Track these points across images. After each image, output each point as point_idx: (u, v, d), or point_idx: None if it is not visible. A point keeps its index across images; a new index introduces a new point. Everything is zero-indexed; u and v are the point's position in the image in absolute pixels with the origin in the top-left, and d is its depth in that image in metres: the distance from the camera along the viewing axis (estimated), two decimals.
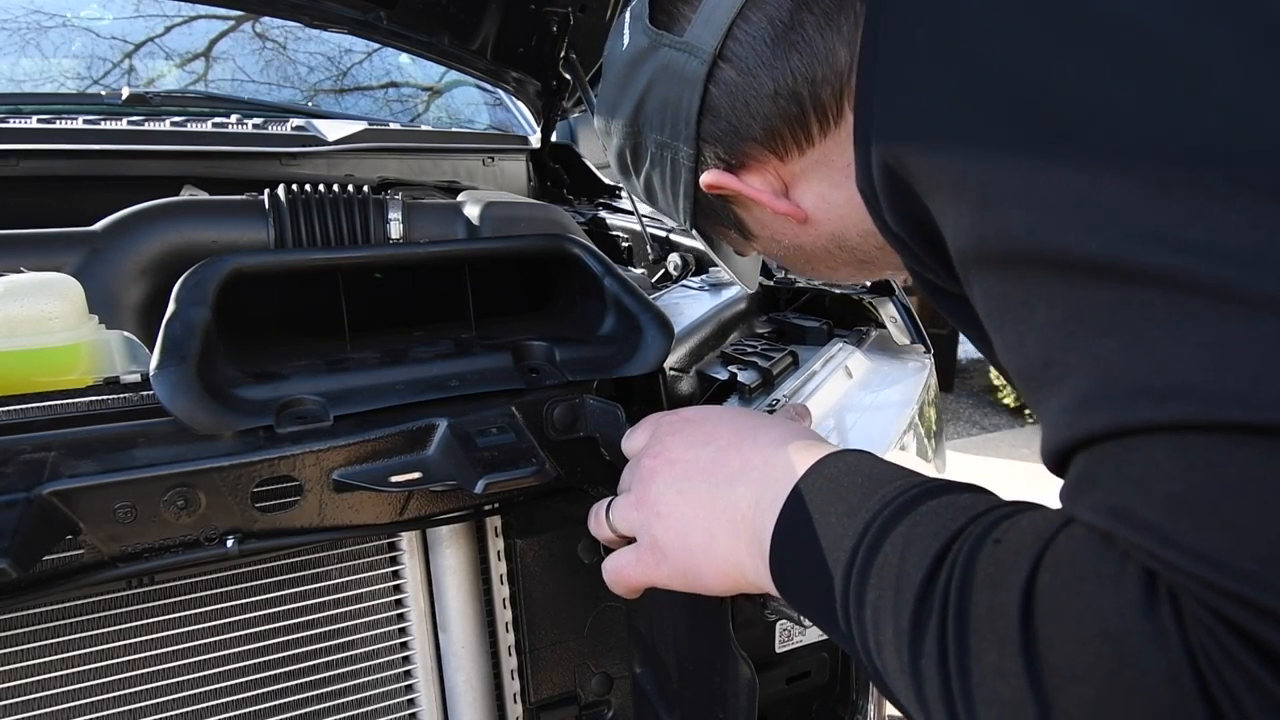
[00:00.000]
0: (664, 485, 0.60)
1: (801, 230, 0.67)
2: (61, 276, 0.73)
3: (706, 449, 0.59)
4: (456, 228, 1.09)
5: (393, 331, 0.89)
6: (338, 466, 0.68)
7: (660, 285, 1.32)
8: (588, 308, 0.89)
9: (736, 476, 0.56)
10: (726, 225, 0.73)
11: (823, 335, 1.16)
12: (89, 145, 1.32)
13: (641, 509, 0.61)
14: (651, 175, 0.71)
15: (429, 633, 0.82)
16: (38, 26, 1.85)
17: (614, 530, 0.64)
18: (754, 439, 0.58)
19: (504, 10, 1.61)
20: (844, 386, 1.05)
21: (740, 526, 0.55)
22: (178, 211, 0.97)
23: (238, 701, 0.73)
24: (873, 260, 0.68)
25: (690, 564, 0.58)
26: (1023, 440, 4.19)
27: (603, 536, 0.66)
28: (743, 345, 1.08)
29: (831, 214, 0.65)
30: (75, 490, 0.59)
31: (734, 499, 0.56)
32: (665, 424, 0.64)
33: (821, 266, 0.72)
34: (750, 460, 0.56)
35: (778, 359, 1.00)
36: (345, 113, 1.98)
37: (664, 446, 0.62)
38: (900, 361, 1.19)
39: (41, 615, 0.65)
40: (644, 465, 0.62)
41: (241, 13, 1.96)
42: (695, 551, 0.57)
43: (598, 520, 0.66)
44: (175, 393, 0.63)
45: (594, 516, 0.67)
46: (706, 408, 0.66)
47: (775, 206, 0.65)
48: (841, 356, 1.11)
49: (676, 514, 0.58)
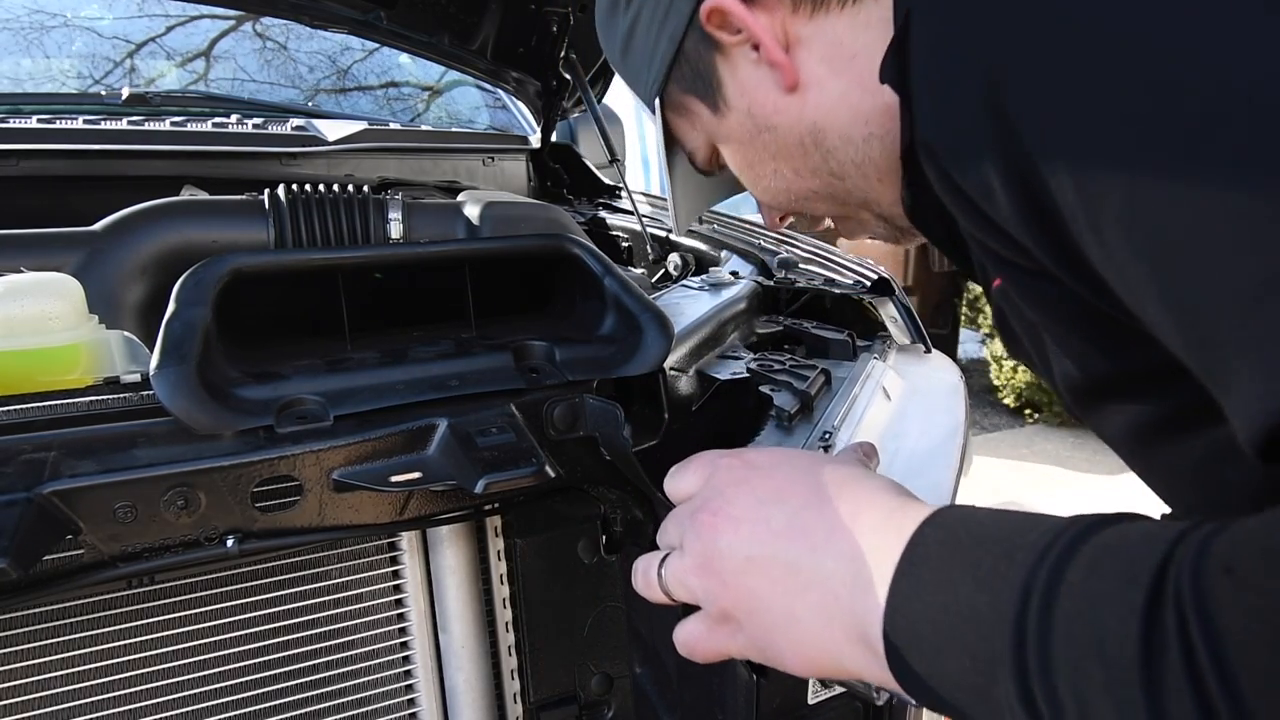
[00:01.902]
0: (730, 550, 0.51)
1: (783, 103, 0.61)
2: (61, 276, 0.73)
3: (780, 509, 0.50)
4: (456, 228, 1.09)
5: (393, 331, 0.89)
6: (338, 466, 0.68)
7: (660, 285, 1.32)
8: (588, 308, 0.89)
9: (820, 547, 0.48)
10: (699, 93, 0.66)
11: (848, 349, 1.10)
12: (89, 145, 1.32)
13: (704, 575, 0.52)
14: (642, 11, 0.65)
15: (429, 633, 0.82)
16: (39, 26, 1.85)
17: (669, 595, 0.56)
18: (836, 497, 0.49)
19: (504, 10, 1.61)
20: (886, 411, 0.97)
21: (833, 610, 0.46)
22: (178, 211, 0.97)
23: (238, 701, 0.73)
24: (845, 178, 0.62)
25: (769, 643, 0.50)
26: (1023, 440, 4.19)
27: (653, 599, 0.57)
28: (768, 360, 1.01)
29: (821, 99, 0.60)
30: (75, 490, 0.59)
31: (820, 575, 0.47)
32: (724, 469, 0.55)
33: (788, 170, 0.65)
34: (835, 527, 0.48)
35: (811, 378, 0.94)
36: (345, 113, 1.98)
37: (725, 500, 0.53)
38: (930, 375, 1.12)
39: (41, 615, 0.65)
40: (702, 521, 0.53)
41: (241, 13, 1.96)
42: (773, 631, 0.49)
43: (648, 581, 0.57)
44: (175, 393, 0.63)
45: (642, 576, 0.57)
46: (772, 452, 0.56)
47: (772, 53, 0.59)
48: (876, 374, 1.04)
49: (748, 586, 0.50)
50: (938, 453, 0.92)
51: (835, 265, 1.38)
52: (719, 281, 1.21)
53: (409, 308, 0.97)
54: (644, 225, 1.56)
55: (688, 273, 1.48)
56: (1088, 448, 4.03)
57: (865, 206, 0.66)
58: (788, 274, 1.31)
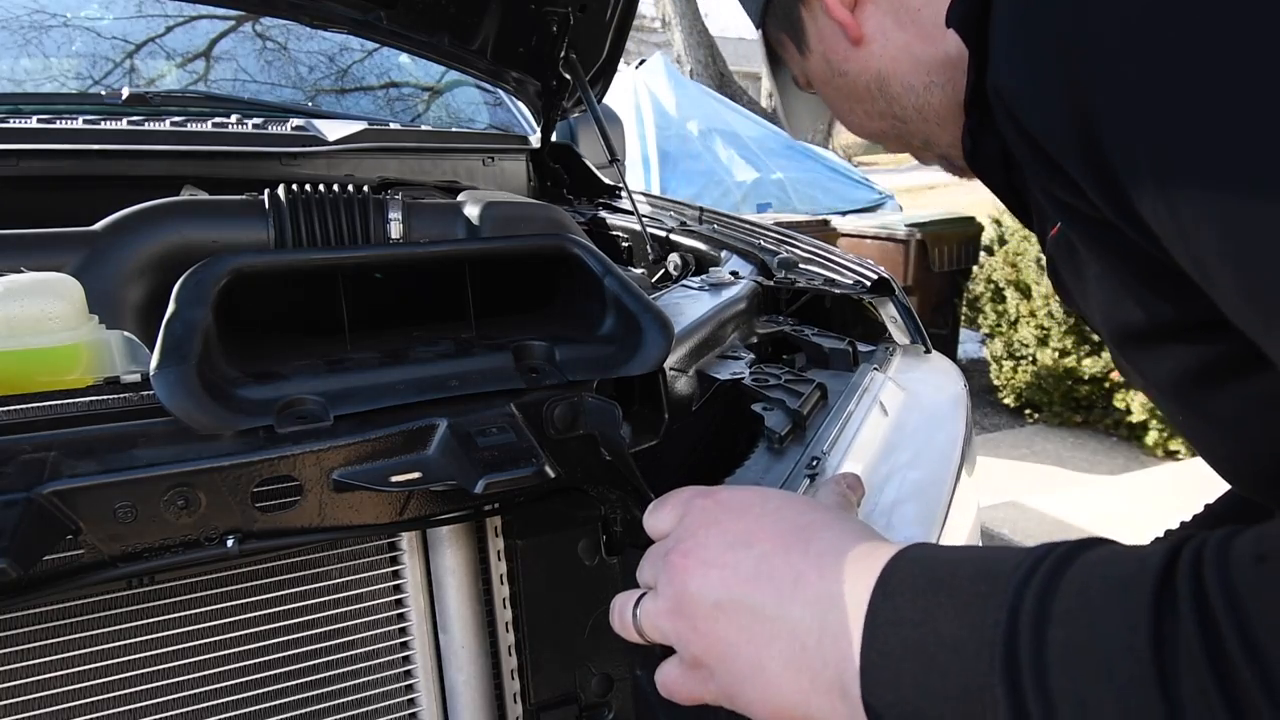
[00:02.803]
0: (699, 595, 0.50)
1: (852, 54, 0.68)
2: (61, 276, 0.73)
3: (748, 554, 0.49)
4: (456, 228, 1.09)
5: (393, 331, 0.89)
6: (338, 466, 0.68)
7: (660, 285, 1.32)
8: (588, 308, 0.89)
9: (787, 595, 0.47)
10: (789, 33, 0.74)
11: (848, 359, 1.08)
12: (89, 145, 1.32)
13: (675, 619, 0.51)
14: None
15: (429, 633, 0.82)
16: (38, 26, 1.85)
17: (643, 636, 0.55)
18: (804, 543, 0.49)
19: (504, 10, 1.61)
20: (882, 429, 0.94)
21: (800, 660, 0.45)
22: (178, 211, 0.97)
23: (238, 701, 0.73)
24: (907, 121, 0.69)
25: (738, 692, 0.49)
26: (1023, 440, 4.19)
27: (629, 638, 0.57)
28: (764, 374, 0.98)
29: (885, 50, 0.66)
30: (75, 490, 0.59)
31: (787, 624, 0.46)
32: (696, 510, 0.55)
33: (859, 111, 0.72)
34: (803, 574, 0.47)
35: (805, 395, 0.92)
36: (345, 113, 1.98)
37: (696, 542, 0.52)
38: (932, 385, 1.09)
39: (41, 615, 0.65)
40: (673, 563, 0.52)
41: (241, 13, 1.96)
42: (743, 680, 0.48)
43: (623, 621, 0.57)
44: (175, 393, 0.63)
45: (618, 615, 0.57)
46: (745, 492, 0.56)
47: (835, 12, 0.66)
48: (874, 388, 1.01)
49: (717, 633, 0.49)
50: (928, 482, 0.88)
51: (835, 265, 1.38)
52: (719, 281, 1.21)
53: (409, 308, 0.97)
54: (644, 225, 1.56)
55: (688, 273, 1.49)
56: (1087, 448, 4.03)
57: (927, 148, 0.73)
58: (788, 274, 1.31)
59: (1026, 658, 0.36)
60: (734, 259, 1.39)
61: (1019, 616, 0.37)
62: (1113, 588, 0.35)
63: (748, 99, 11.97)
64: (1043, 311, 4.10)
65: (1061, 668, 0.35)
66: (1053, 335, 4.09)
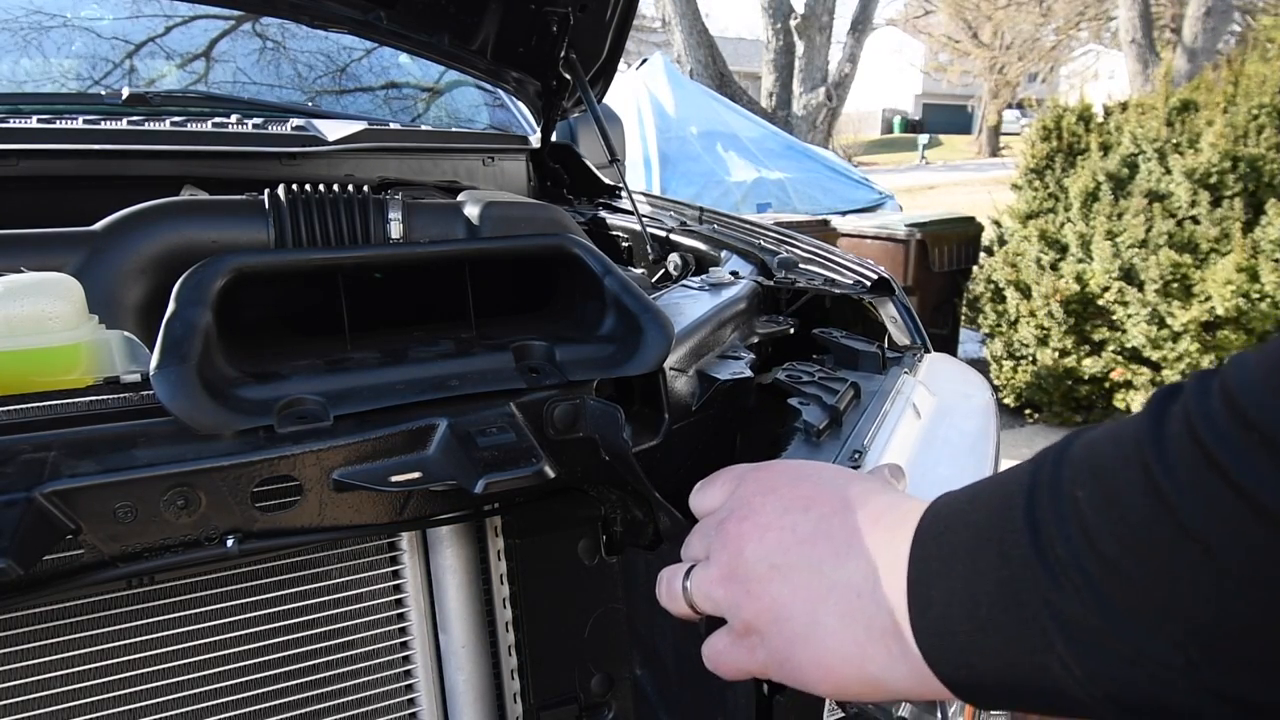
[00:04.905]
0: (755, 558, 0.50)
1: None
2: (61, 276, 0.73)
3: (805, 516, 0.50)
4: (456, 228, 1.09)
5: (393, 331, 0.89)
6: (338, 466, 0.68)
7: (660, 285, 1.32)
8: (588, 308, 0.89)
9: (844, 550, 0.47)
10: None
11: (877, 362, 1.08)
12: (89, 145, 1.32)
13: (729, 585, 0.51)
14: None
15: (429, 633, 0.82)
16: (38, 26, 1.85)
17: (694, 607, 0.55)
18: (861, 505, 0.49)
19: (504, 10, 1.61)
20: (916, 430, 0.94)
21: (855, 609, 0.46)
22: (178, 211, 0.97)
23: (238, 701, 0.73)
24: None
25: (789, 655, 0.48)
26: (1023, 440, 4.19)
27: (678, 612, 0.56)
28: (797, 371, 0.99)
29: None
30: (75, 490, 0.59)
31: (842, 578, 0.47)
32: (751, 480, 0.55)
33: None
34: (856, 531, 0.48)
35: (841, 392, 0.92)
36: (345, 113, 1.98)
37: (751, 509, 0.52)
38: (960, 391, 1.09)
39: (41, 615, 0.65)
40: (728, 530, 0.52)
41: (241, 13, 1.96)
42: (795, 642, 0.48)
43: (671, 593, 0.56)
44: (175, 392, 0.63)
45: (666, 587, 0.56)
46: (799, 464, 0.57)
47: None
48: (907, 390, 1.02)
49: (771, 594, 0.49)
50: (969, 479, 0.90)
51: (835, 265, 1.38)
52: (719, 281, 1.21)
53: (409, 308, 0.97)
54: (644, 225, 1.56)
55: (688, 273, 1.48)
56: None
57: None
58: (788, 274, 1.31)
59: (1045, 497, 0.38)
60: (734, 259, 1.39)
61: (1039, 478, 0.39)
62: (1116, 432, 0.37)
63: (748, 99, 11.97)
64: (1043, 311, 4.10)
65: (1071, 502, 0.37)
66: (1053, 335, 4.09)
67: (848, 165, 10.42)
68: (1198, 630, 0.33)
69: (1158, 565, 0.33)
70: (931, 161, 27.54)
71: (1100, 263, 3.88)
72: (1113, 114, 4.27)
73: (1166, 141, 3.87)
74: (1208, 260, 3.68)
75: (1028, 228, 4.27)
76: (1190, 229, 3.74)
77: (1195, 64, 10.00)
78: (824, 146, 11.43)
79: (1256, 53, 4.16)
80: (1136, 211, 3.81)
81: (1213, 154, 3.69)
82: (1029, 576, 0.38)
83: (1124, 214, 3.88)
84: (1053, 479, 0.38)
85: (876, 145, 34.10)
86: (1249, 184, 3.67)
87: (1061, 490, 0.38)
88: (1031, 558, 0.38)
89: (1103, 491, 0.36)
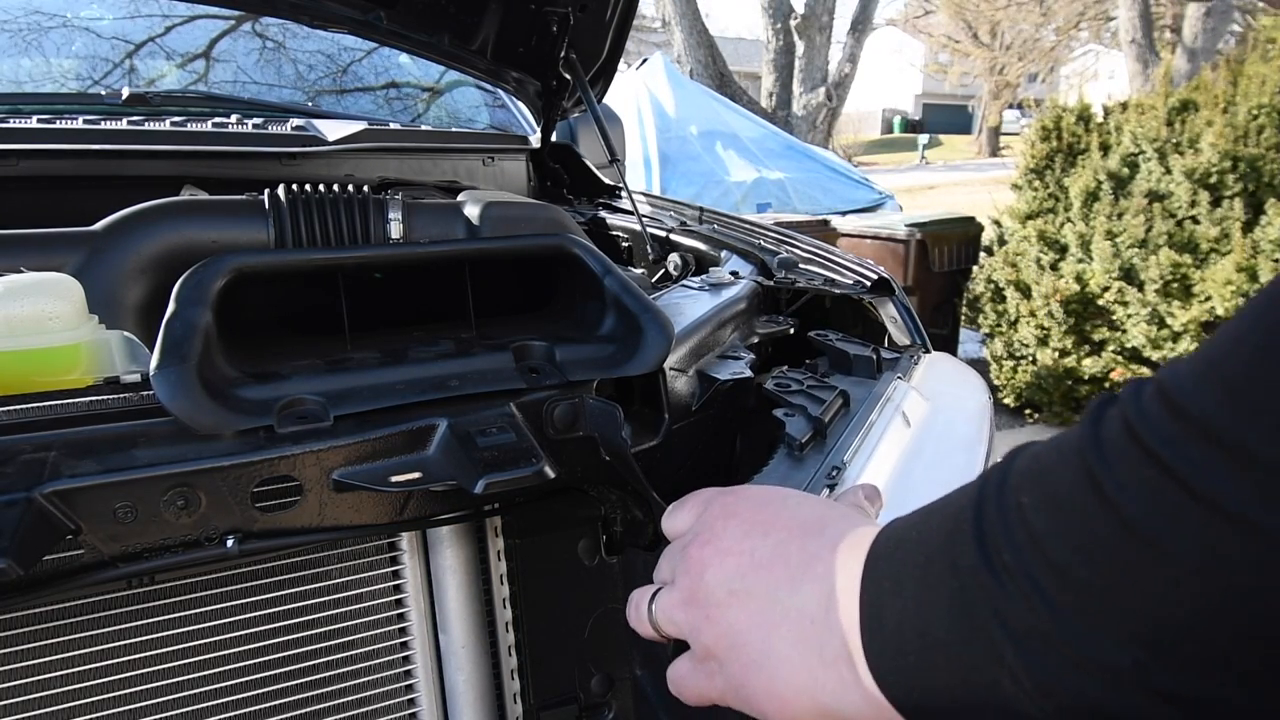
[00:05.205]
0: (714, 583, 0.51)
1: None
2: (61, 276, 0.73)
3: (765, 541, 0.50)
4: (456, 228, 1.09)
5: (393, 331, 0.89)
6: (338, 466, 0.68)
7: (660, 285, 1.32)
8: (588, 308, 0.89)
9: (799, 575, 0.47)
10: None
11: (871, 366, 1.07)
12: (89, 145, 1.32)
13: (689, 610, 0.52)
14: None
15: (429, 633, 0.82)
16: (38, 26, 1.85)
17: (657, 630, 0.55)
18: (820, 532, 0.49)
19: (504, 10, 1.61)
20: (904, 440, 0.93)
21: (807, 635, 0.46)
22: (178, 211, 0.97)
23: (238, 701, 0.73)
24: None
25: (744, 683, 0.48)
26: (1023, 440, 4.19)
27: (644, 634, 0.57)
28: (785, 379, 0.98)
29: None
30: (75, 490, 0.59)
31: (796, 604, 0.47)
32: (717, 505, 0.56)
33: None
34: (816, 556, 0.48)
35: (828, 403, 0.92)
36: (345, 112, 1.98)
37: (714, 534, 0.53)
38: (956, 397, 1.07)
39: (41, 615, 0.65)
40: (690, 555, 0.53)
41: (241, 13, 1.96)
42: (749, 670, 0.48)
43: (639, 614, 0.57)
44: (175, 393, 0.63)
45: (634, 609, 0.57)
46: (766, 489, 0.57)
47: None
48: (898, 397, 1.01)
49: (729, 620, 0.49)
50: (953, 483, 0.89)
51: (835, 265, 1.38)
52: (719, 281, 1.21)
53: (409, 308, 0.97)
54: (644, 225, 1.56)
55: (688, 273, 1.48)
56: None
57: None
58: (788, 274, 1.31)
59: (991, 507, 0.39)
60: (734, 259, 1.39)
61: (986, 490, 0.40)
62: (1059, 441, 0.38)
63: (748, 99, 11.97)
64: (1043, 311, 4.10)
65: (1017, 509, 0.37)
66: (1053, 335, 4.09)
67: (848, 165, 10.41)
68: (1144, 627, 0.33)
69: (1103, 563, 0.34)
70: (931, 162, 27.54)
71: (1100, 263, 3.88)
72: (1112, 114, 4.27)
73: (1166, 141, 3.88)
74: (1208, 260, 3.68)
75: (1027, 228, 4.27)
76: (1190, 229, 3.74)
77: (1195, 64, 10.01)
78: (824, 146, 11.43)
79: (1256, 53, 4.16)
80: (1136, 211, 3.81)
81: (1212, 154, 3.69)
82: (977, 585, 0.38)
83: (1124, 214, 3.88)
84: (999, 489, 0.39)
85: (876, 145, 34.10)
86: (1249, 184, 3.68)
87: (1007, 498, 0.38)
88: (980, 566, 0.38)
89: (1046, 495, 0.36)
